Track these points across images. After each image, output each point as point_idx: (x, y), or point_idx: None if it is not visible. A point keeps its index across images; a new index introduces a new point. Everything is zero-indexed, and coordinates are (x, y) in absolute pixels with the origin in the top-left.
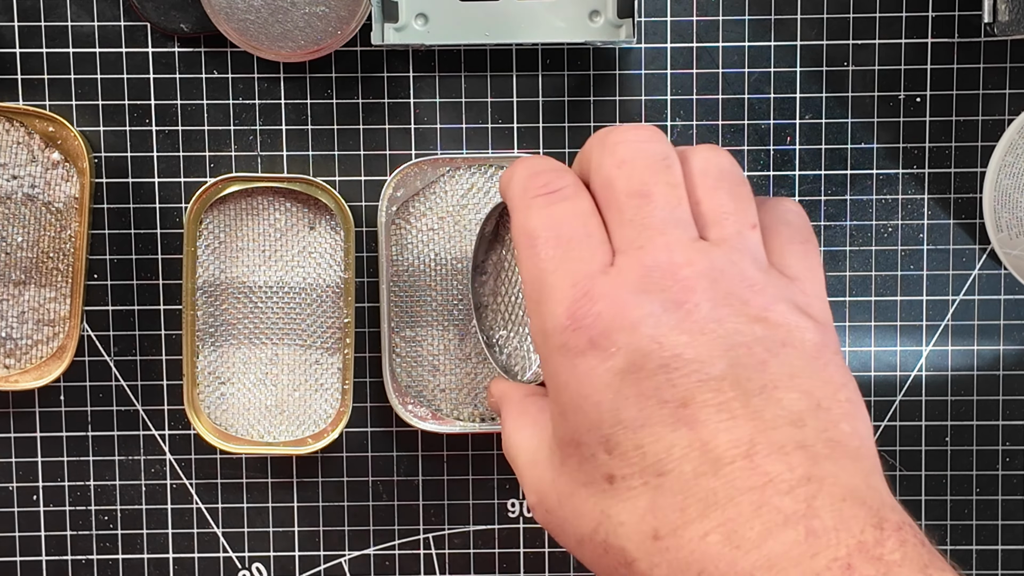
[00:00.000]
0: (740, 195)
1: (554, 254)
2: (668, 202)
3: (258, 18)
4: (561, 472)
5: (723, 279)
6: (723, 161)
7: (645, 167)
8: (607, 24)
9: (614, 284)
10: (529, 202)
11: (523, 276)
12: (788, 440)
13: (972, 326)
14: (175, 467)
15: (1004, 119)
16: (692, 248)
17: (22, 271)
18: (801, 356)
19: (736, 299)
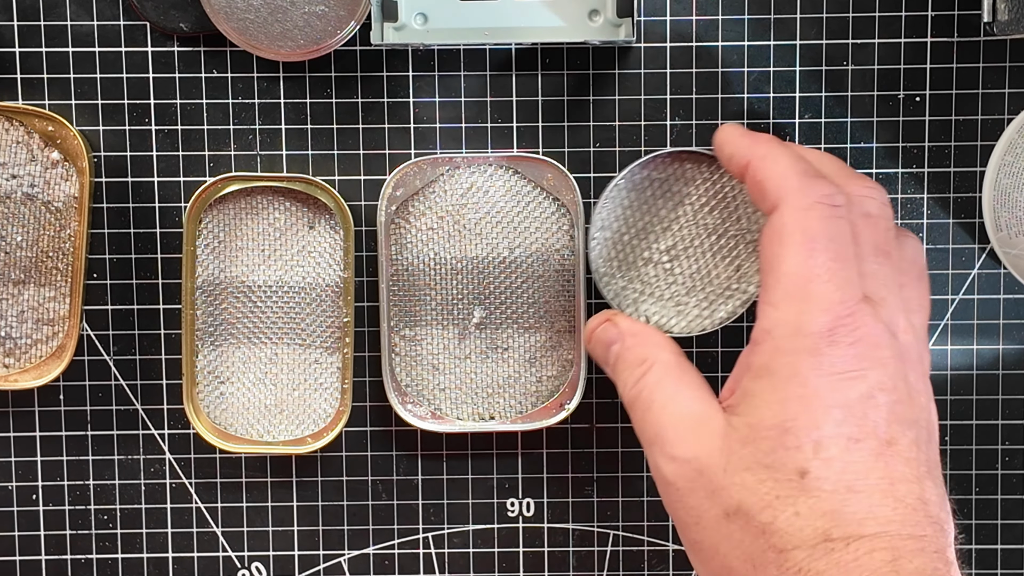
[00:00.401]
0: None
1: (830, 265)
2: (892, 268)
3: (257, 17)
4: (744, 445)
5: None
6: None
7: (886, 229)
8: (606, 23)
9: (873, 317)
10: (812, 204)
11: (783, 267)
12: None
13: (971, 325)
14: (174, 466)
15: (1003, 118)
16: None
17: (21, 270)
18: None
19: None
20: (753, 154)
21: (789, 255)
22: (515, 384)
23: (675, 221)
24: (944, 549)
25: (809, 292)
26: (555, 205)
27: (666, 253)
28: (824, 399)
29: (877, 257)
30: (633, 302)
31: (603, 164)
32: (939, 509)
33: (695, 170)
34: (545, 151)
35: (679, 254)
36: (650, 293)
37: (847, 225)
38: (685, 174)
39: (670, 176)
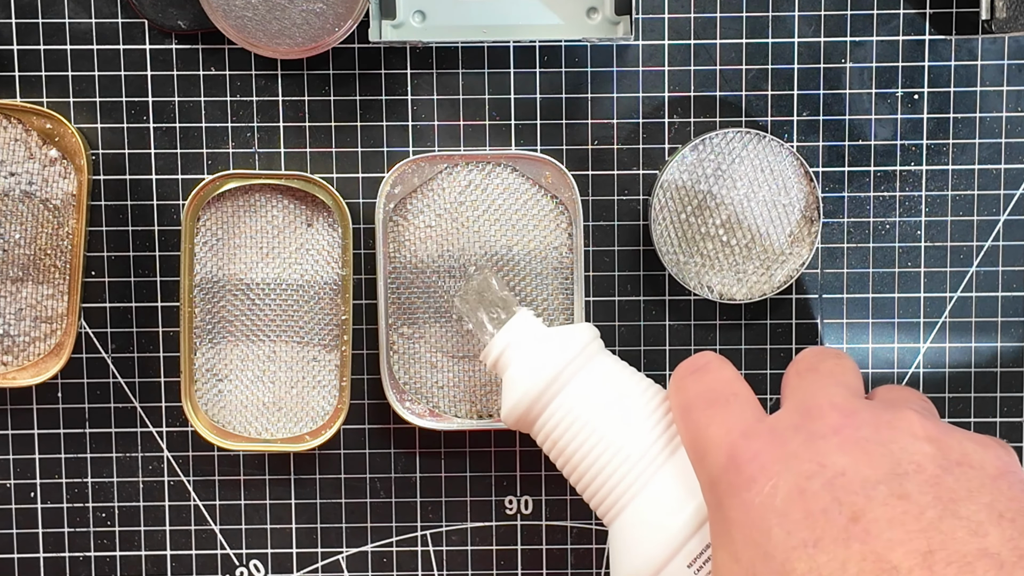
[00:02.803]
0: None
1: (707, 414)
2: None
3: (256, 15)
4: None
5: (887, 412)
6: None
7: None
8: (604, 21)
9: (770, 424)
10: (679, 382)
11: (685, 445)
12: (969, 549)
13: (970, 323)
14: (173, 464)
15: (1002, 116)
16: (850, 394)
17: (20, 268)
18: (980, 476)
19: (903, 424)
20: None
21: (682, 433)
22: None
23: (728, 196)
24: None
25: (703, 447)
26: (553, 203)
27: (722, 227)
28: (759, 523)
29: (804, 374)
30: (696, 275)
31: (601, 162)
32: None
33: (742, 147)
34: (543, 149)
35: (734, 226)
36: (710, 265)
37: (720, 373)
38: (732, 152)
39: (719, 154)
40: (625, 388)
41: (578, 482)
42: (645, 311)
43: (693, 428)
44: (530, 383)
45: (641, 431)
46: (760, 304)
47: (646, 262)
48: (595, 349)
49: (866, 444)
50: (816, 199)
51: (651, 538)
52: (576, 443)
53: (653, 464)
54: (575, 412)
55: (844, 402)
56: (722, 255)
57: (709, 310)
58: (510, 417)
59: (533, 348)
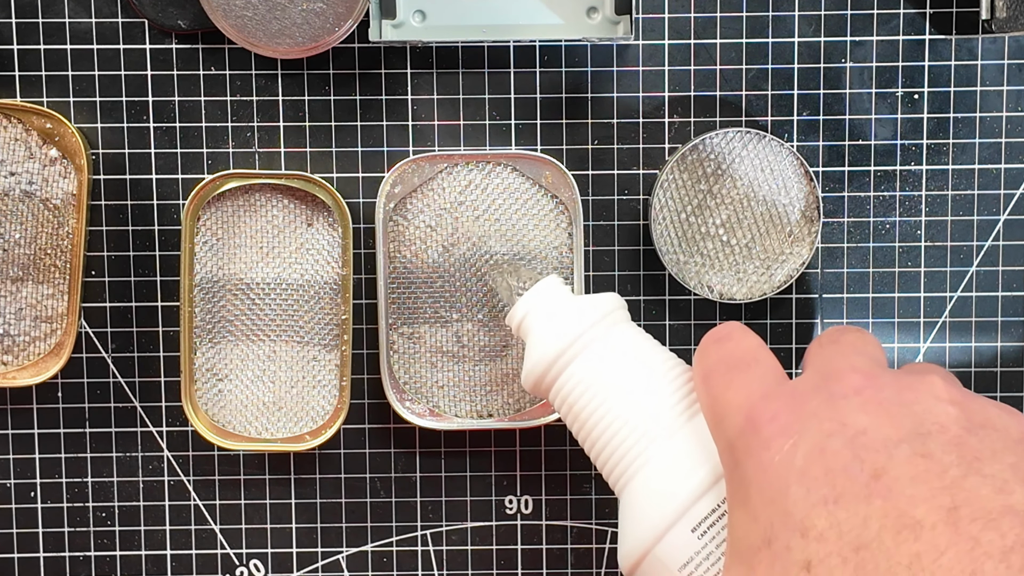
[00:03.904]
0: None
1: (727, 377)
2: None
3: (256, 15)
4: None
5: (909, 376)
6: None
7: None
8: (605, 20)
9: (790, 387)
10: (702, 350)
11: (704, 411)
12: (995, 506)
13: (970, 323)
14: (173, 464)
15: (1002, 115)
16: (872, 362)
17: (20, 268)
18: (1004, 439)
19: (925, 387)
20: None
21: (701, 400)
22: (513, 381)
23: (728, 195)
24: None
25: (721, 411)
26: (553, 203)
27: (722, 226)
28: (778, 483)
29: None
30: (696, 274)
31: (601, 162)
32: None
33: (743, 147)
34: (543, 149)
35: (734, 226)
36: (711, 265)
37: (741, 340)
38: (733, 151)
39: (719, 154)
40: (644, 358)
41: (591, 451)
42: (645, 311)
43: (713, 392)
44: (547, 348)
45: (656, 400)
46: (760, 304)
47: (646, 262)
48: (618, 318)
49: (888, 405)
50: (816, 199)
51: (655, 504)
52: (589, 410)
53: (665, 432)
54: (589, 379)
55: (866, 367)
56: (722, 255)
57: (709, 310)
58: (527, 381)
59: (555, 313)
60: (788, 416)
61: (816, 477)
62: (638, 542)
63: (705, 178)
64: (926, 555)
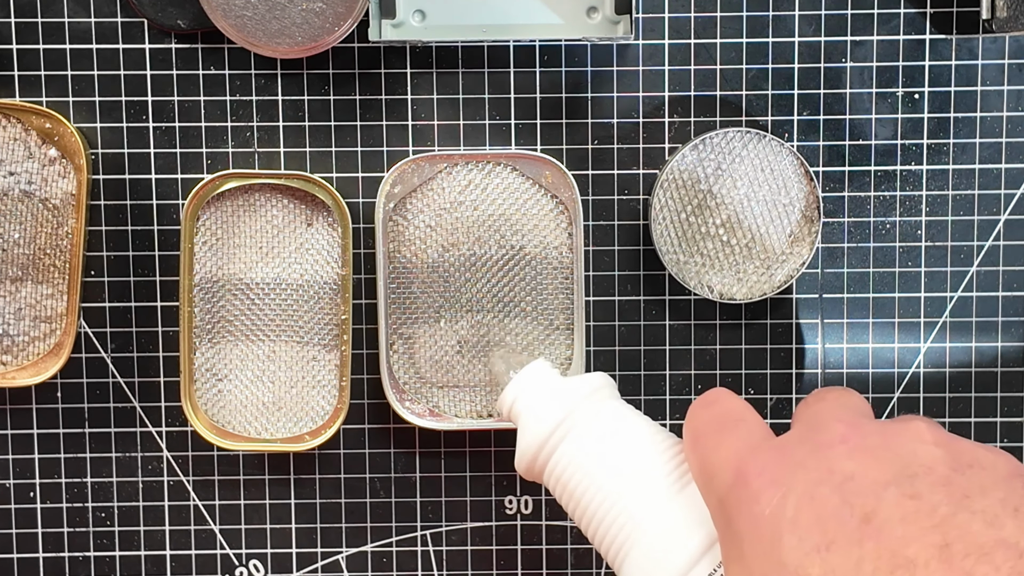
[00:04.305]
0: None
1: (715, 438)
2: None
3: (255, 14)
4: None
5: (894, 423)
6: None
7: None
8: (605, 20)
9: (778, 441)
10: (690, 413)
11: (694, 473)
12: (986, 540)
13: (970, 323)
14: (172, 464)
15: (1002, 115)
16: (856, 413)
17: (19, 268)
18: (991, 476)
19: (910, 431)
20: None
21: (691, 461)
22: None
23: (728, 195)
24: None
25: (710, 470)
26: (553, 203)
27: (722, 226)
28: (770, 533)
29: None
30: (696, 274)
31: (601, 161)
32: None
33: (743, 147)
34: (543, 148)
35: (734, 226)
36: (711, 265)
37: (728, 404)
38: (733, 151)
39: (719, 154)
40: (632, 433)
41: (587, 531)
42: (645, 311)
43: (701, 453)
44: (535, 432)
45: (646, 474)
46: (760, 304)
47: (646, 262)
48: (604, 396)
49: (874, 450)
50: (816, 199)
51: (655, 573)
52: (580, 490)
53: (657, 504)
54: (579, 460)
55: (850, 417)
56: (722, 255)
57: (709, 310)
58: (520, 466)
59: (543, 395)
60: (776, 468)
61: (807, 525)
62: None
63: (705, 178)
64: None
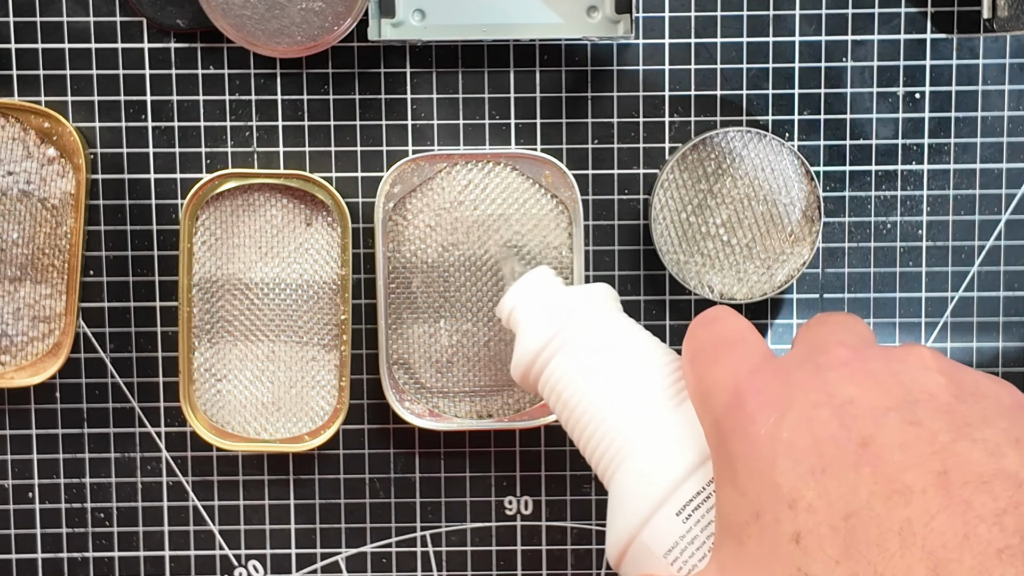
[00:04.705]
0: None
1: (713, 356)
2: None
3: (255, 14)
4: (740, 565)
5: (898, 349)
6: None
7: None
8: (605, 20)
9: (777, 362)
10: (689, 332)
11: (690, 392)
12: (986, 469)
13: (971, 323)
14: (171, 464)
15: (1003, 115)
16: (859, 338)
17: (18, 267)
18: (995, 405)
19: (914, 357)
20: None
21: (687, 380)
22: (513, 382)
23: (728, 195)
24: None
25: (707, 389)
26: (553, 202)
27: (723, 226)
28: (765, 455)
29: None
30: (696, 274)
31: (601, 161)
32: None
33: (743, 146)
34: (543, 148)
35: (735, 226)
36: (711, 265)
37: (729, 321)
38: (733, 151)
39: (720, 153)
40: (632, 347)
41: (579, 443)
42: (645, 311)
43: (699, 371)
44: (532, 339)
45: (642, 387)
46: (761, 304)
47: (646, 262)
48: (607, 308)
49: (876, 375)
50: (817, 198)
51: (640, 490)
52: (575, 401)
53: (651, 418)
54: (575, 370)
55: (853, 341)
56: (723, 255)
57: None
58: (515, 373)
59: (542, 304)
60: (774, 389)
61: (803, 448)
62: (623, 529)
63: (705, 178)
64: (917, 520)
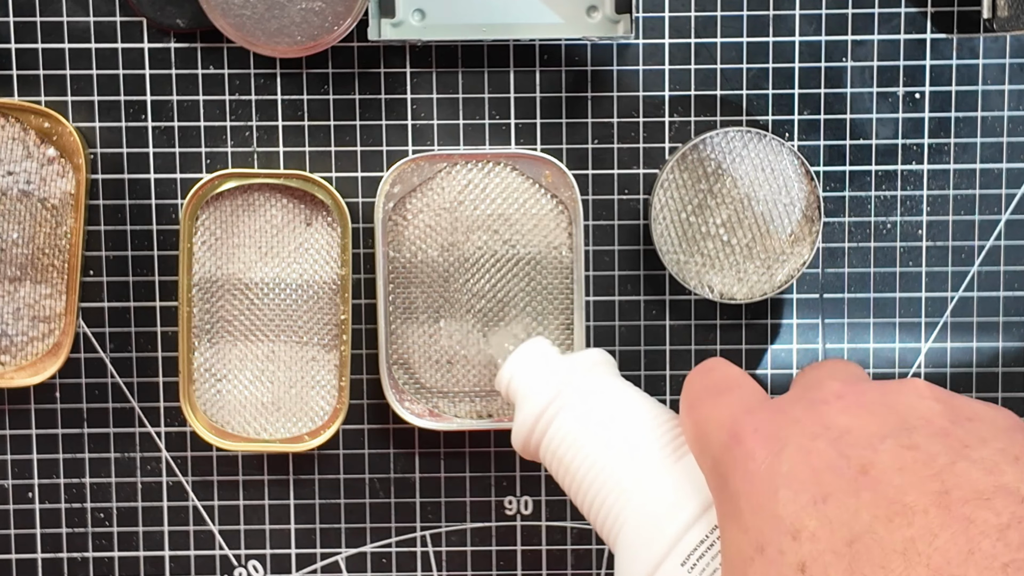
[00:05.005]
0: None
1: (710, 402)
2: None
3: (254, 13)
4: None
5: (891, 383)
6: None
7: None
8: (605, 20)
9: (773, 401)
10: (687, 382)
11: (689, 440)
12: (986, 486)
13: (971, 323)
14: (171, 464)
15: (1003, 115)
16: (853, 376)
17: (17, 267)
18: (991, 428)
19: (908, 388)
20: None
21: (684, 426)
22: None
23: (728, 195)
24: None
25: (704, 432)
26: (553, 202)
27: (723, 226)
28: (766, 489)
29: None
30: (696, 274)
31: (601, 161)
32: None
33: (743, 146)
34: (543, 148)
35: (735, 226)
36: (711, 265)
37: (725, 370)
38: (733, 151)
39: (720, 153)
40: (628, 408)
41: (582, 507)
42: (645, 311)
43: (696, 417)
44: (530, 407)
45: (640, 446)
46: (761, 304)
47: (646, 262)
48: (601, 372)
49: (870, 405)
50: (817, 198)
51: (643, 544)
52: (575, 465)
53: (651, 475)
54: (573, 434)
55: (846, 377)
56: (723, 255)
57: (709, 310)
58: (517, 443)
59: (539, 372)
60: (771, 426)
61: (803, 479)
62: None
63: (705, 177)
64: (920, 539)
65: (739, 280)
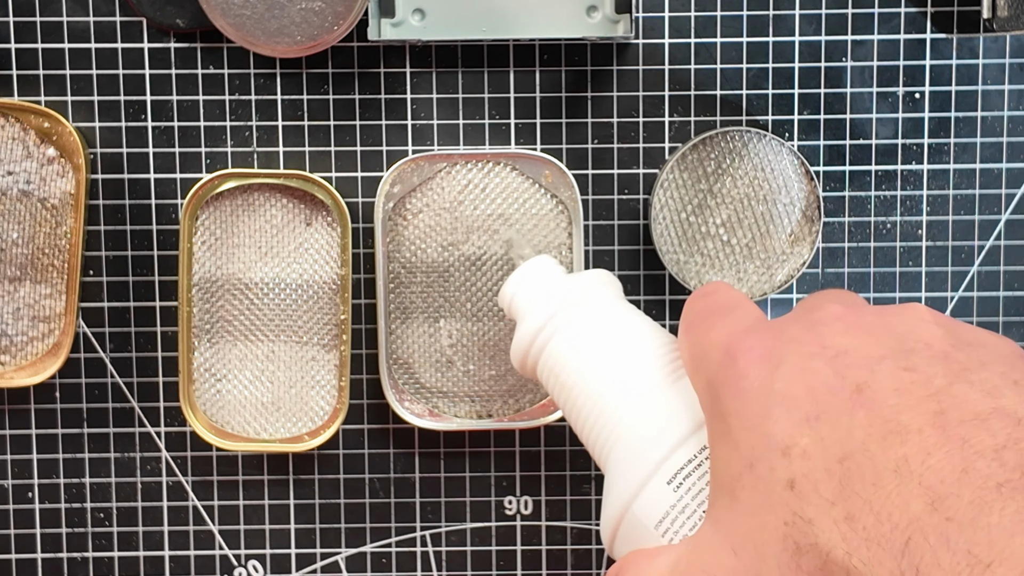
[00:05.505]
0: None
1: (708, 322)
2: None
3: (254, 13)
4: (734, 517)
5: (893, 306)
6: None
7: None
8: (605, 19)
9: (771, 321)
10: (687, 305)
11: (685, 360)
12: (983, 408)
13: (971, 323)
14: (171, 464)
15: (1003, 115)
16: (854, 301)
17: (17, 267)
18: (992, 353)
19: (909, 311)
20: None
21: (682, 348)
22: (513, 381)
23: (728, 195)
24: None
25: (701, 353)
26: (553, 202)
27: (723, 226)
28: (759, 407)
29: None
30: (696, 274)
31: (601, 161)
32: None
33: (743, 146)
34: (543, 148)
35: (735, 226)
36: (711, 265)
37: (725, 293)
38: (734, 150)
39: (720, 153)
40: (628, 330)
41: (576, 426)
42: (645, 311)
43: (692, 337)
44: (529, 324)
45: (637, 367)
46: (761, 304)
47: (646, 261)
48: (605, 293)
49: (870, 327)
50: (817, 198)
51: (631, 462)
52: (570, 384)
53: (644, 396)
54: (569, 354)
55: (847, 300)
56: (723, 254)
57: None
58: (514, 359)
59: (541, 290)
60: (767, 345)
61: (797, 397)
62: (616, 504)
63: (705, 177)
64: (914, 457)
65: (739, 280)
